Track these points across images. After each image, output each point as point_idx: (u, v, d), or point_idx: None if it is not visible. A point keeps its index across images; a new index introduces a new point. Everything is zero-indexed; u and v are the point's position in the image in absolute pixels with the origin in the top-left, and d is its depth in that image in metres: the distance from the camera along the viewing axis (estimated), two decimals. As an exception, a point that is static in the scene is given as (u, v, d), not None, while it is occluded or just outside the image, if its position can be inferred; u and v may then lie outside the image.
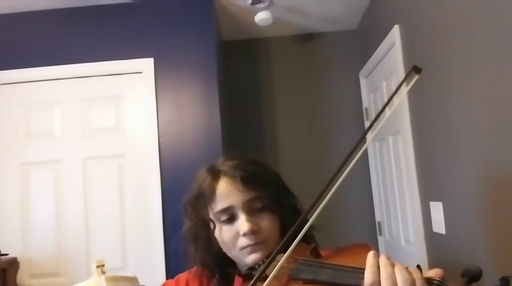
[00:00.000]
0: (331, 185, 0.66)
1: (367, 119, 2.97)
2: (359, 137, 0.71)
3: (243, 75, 3.13)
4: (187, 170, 2.28)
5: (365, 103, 3.00)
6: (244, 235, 0.85)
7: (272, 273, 0.66)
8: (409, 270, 0.59)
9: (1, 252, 2.25)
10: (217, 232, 0.89)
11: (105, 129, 2.46)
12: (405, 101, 2.12)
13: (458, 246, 1.67)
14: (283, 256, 0.67)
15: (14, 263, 2.29)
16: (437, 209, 1.82)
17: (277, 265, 0.66)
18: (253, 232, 0.84)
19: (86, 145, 2.45)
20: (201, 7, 2.49)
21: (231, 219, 0.87)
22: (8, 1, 2.41)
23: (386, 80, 2.50)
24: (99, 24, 2.50)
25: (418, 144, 2.03)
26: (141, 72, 2.46)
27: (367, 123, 2.98)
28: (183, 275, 0.99)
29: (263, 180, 0.88)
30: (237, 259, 0.90)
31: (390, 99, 0.74)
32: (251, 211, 0.86)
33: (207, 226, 0.90)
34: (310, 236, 0.89)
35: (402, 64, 2.13)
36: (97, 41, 2.48)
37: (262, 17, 2.64)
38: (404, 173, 2.29)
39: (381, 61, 2.55)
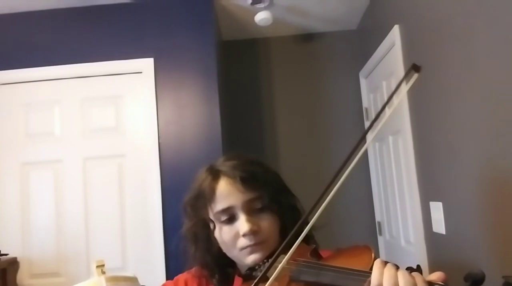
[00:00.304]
0: (331, 186, 0.66)
1: (367, 119, 2.97)
2: (359, 137, 0.71)
3: (243, 75, 3.13)
4: (187, 170, 2.28)
5: (365, 103, 3.00)
6: (244, 236, 0.84)
7: (273, 275, 0.66)
8: (411, 274, 0.59)
9: (1, 252, 2.25)
10: (217, 232, 0.89)
11: (105, 129, 2.46)
12: (405, 101, 2.12)
13: (458, 246, 1.67)
14: (284, 258, 0.67)
15: (14, 263, 2.29)
16: (437, 209, 1.82)
17: (278, 267, 0.66)
18: (253, 232, 0.84)
19: (86, 145, 2.45)
20: (201, 7, 2.49)
21: (231, 219, 0.87)
22: (8, 1, 2.41)
23: (386, 80, 2.50)
24: (99, 24, 2.50)
25: (418, 144, 2.03)
26: (141, 72, 2.46)
27: (367, 123, 2.98)
28: (181, 276, 0.99)
29: (263, 180, 0.88)
30: (237, 259, 0.90)
31: (390, 98, 0.73)
32: (251, 211, 0.86)
33: (207, 226, 0.90)
34: (310, 237, 0.89)
35: (402, 64, 2.13)
36: (97, 41, 2.48)
37: (262, 17, 2.64)
38: (404, 173, 2.29)
39: (381, 61, 2.55)
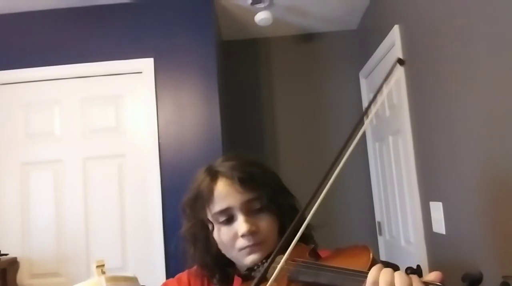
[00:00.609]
0: (325, 182, 0.66)
1: (367, 119, 2.97)
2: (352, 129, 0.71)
3: (243, 75, 3.13)
4: (187, 170, 2.25)
5: (365, 103, 3.00)
6: (242, 236, 0.84)
7: (273, 276, 0.66)
8: (408, 275, 0.59)
9: (1, 252, 2.25)
10: (215, 233, 0.89)
11: (105, 129, 2.46)
12: (405, 101, 2.12)
13: (458, 246, 1.67)
14: (282, 258, 0.67)
15: (14, 263, 2.29)
16: (437, 209, 1.81)
17: (277, 268, 0.66)
18: (252, 233, 0.84)
19: (86, 145, 2.45)
20: (201, 7, 2.49)
21: (230, 220, 0.87)
22: (8, 1, 2.41)
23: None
24: (99, 24, 2.50)
25: (418, 144, 2.03)
26: (141, 72, 2.46)
27: (367, 124, 2.97)
28: (184, 274, 0.98)
29: (261, 181, 0.88)
30: (236, 260, 0.90)
31: (379, 89, 0.77)
32: (249, 212, 0.86)
33: (205, 227, 0.90)
34: (309, 236, 0.89)
35: (402, 64, 2.13)
36: (97, 41, 2.48)
37: (262, 17, 2.64)
38: (404, 173, 2.29)
39: (381, 61, 2.55)
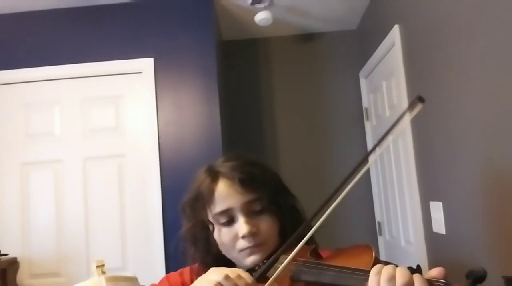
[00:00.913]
0: (335, 197, 0.66)
1: (367, 119, 2.97)
2: (361, 158, 0.71)
3: (243, 75, 3.13)
4: (187, 170, 2.26)
5: (365, 103, 3.00)
6: (243, 237, 0.84)
7: (274, 275, 0.66)
8: (410, 272, 0.59)
9: (1, 252, 2.25)
10: (216, 234, 0.88)
11: (105, 129, 2.46)
12: (405, 101, 2.12)
13: (458, 246, 1.67)
14: (286, 258, 0.66)
15: (14, 263, 2.29)
16: (437, 209, 1.82)
17: (280, 267, 0.66)
18: (252, 234, 0.84)
19: (86, 145, 2.45)
20: (201, 7, 2.49)
21: (230, 221, 0.86)
22: (8, 1, 2.41)
23: (386, 80, 2.50)
24: (99, 24, 2.50)
25: (418, 144, 2.03)
26: (141, 72, 2.46)
27: (367, 124, 2.98)
28: (186, 270, 0.98)
29: (262, 182, 0.88)
30: (236, 261, 0.89)
31: (392, 127, 0.74)
32: (250, 213, 0.86)
33: (206, 227, 0.90)
34: (310, 237, 0.89)
35: (402, 64, 2.13)
36: (97, 41, 2.48)
37: (262, 17, 2.64)
38: (404, 173, 2.29)
39: (381, 61, 2.55)
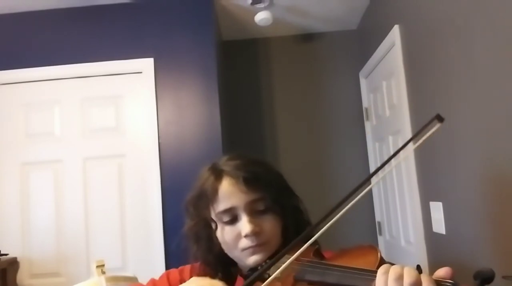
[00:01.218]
0: (342, 204, 0.66)
1: (367, 119, 2.97)
2: (364, 179, 0.70)
3: (243, 75, 3.13)
4: (187, 170, 2.28)
5: (365, 103, 3.00)
6: (246, 237, 0.84)
7: (274, 273, 0.66)
8: (417, 272, 0.58)
9: (1, 252, 2.25)
10: (218, 232, 0.88)
11: (105, 129, 2.46)
12: (405, 101, 2.12)
13: (458, 246, 1.67)
14: (289, 258, 0.66)
15: (14, 263, 2.29)
16: (437, 209, 1.82)
17: (282, 266, 0.65)
18: (255, 233, 0.83)
19: (86, 145, 2.45)
20: (201, 7, 2.49)
21: (233, 220, 0.86)
22: (8, 1, 2.40)
23: (386, 80, 2.50)
24: (99, 24, 2.50)
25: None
26: (141, 72, 2.46)
27: (367, 124, 2.98)
28: (187, 267, 0.97)
29: (266, 181, 0.87)
30: (238, 260, 0.89)
31: (406, 144, 0.73)
32: (253, 212, 0.86)
33: (208, 225, 0.90)
34: (311, 234, 0.89)
35: (402, 64, 2.13)
36: (97, 41, 2.48)
37: (262, 17, 2.64)
38: (404, 173, 2.29)
39: (381, 61, 2.55)
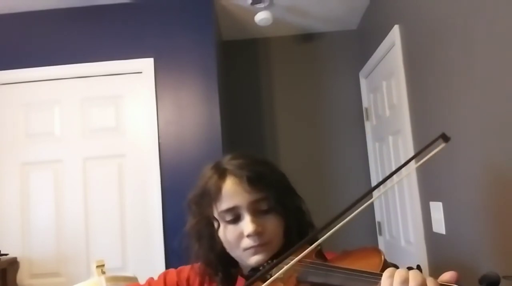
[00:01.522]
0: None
1: (367, 119, 2.97)
2: (365, 191, 0.71)
3: (243, 75, 3.13)
4: (187, 170, 2.28)
5: (365, 103, 3.00)
6: (248, 236, 0.84)
7: (276, 274, 0.65)
8: (423, 276, 0.57)
9: (1, 252, 2.25)
10: (221, 231, 0.88)
11: (105, 129, 2.46)
12: (405, 101, 2.12)
13: (458, 246, 1.67)
14: (293, 259, 0.65)
15: (14, 263, 2.29)
16: (437, 209, 1.82)
17: (285, 268, 0.65)
18: (258, 233, 0.83)
19: (86, 145, 2.45)
20: (201, 7, 2.49)
21: (236, 219, 0.86)
22: (8, 1, 2.40)
23: (386, 80, 2.50)
24: (99, 24, 2.50)
25: (418, 144, 2.03)
26: (141, 72, 2.46)
27: (367, 124, 2.98)
28: (186, 268, 0.98)
29: (270, 181, 0.87)
30: (240, 260, 0.89)
31: (407, 162, 0.73)
32: (256, 212, 0.86)
33: (211, 224, 0.90)
34: (315, 239, 0.89)
35: (402, 64, 2.13)
36: (97, 41, 2.48)
37: (262, 17, 2.64)
38: (404, 173, 2.29)
39: (381, 61, 2.55)
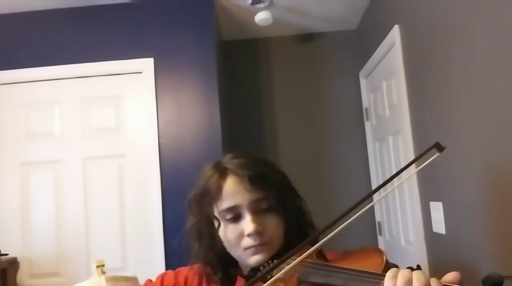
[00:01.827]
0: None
1: (367, 119, 2.97)
2: (365, 195, 0.70)
3: (243, 75, 3.13)
4: (187, 170, 2.28)
5: (365, 103, 3.00)
6: (248, 235, 0.84)
7: (277, 274, 0.65)
8: (427, 277, 0.56)
9: (1, 252, 2.25)
10: (221, 230, 0.88)
11: (105, 129, 2.46)
12: (405, 101, 2.12)
13: (458, 246, 1.67)
14: (295, 259, 0.65)
15: (14, 263, 2.29)
16: (437, 209, 1.82)
17: (286, 268, 0.64)
18: (258, 233, 0.83)
19: (86, 145, 2.45)
20: (201, 7, 2.49)
21: (236, 218, 0.86)
22: (8, 1, 2.40)
23: (386, 80, 2.50)
24: (99, 24, 2.50)
25: (418, 144, 2.03)
26: (141, 72, 2.46)
27: (367, 124, 2.98)
28: (184, 269, 0.98)
29: (271, 180, 0.87)
30: (240, 259, 0.89)
31: (402, 170, 0.74)
32: (256, 212, 0.85)
33: (211, 223, 0.90)
34: (316, 239, 0.89)
35: (402, 64, 2.13)
36: (97, 41, 2.48)
37: (262, 17, 2.64)
38: (404, 173, 2.29)
39: (381, 61, 2.55)
